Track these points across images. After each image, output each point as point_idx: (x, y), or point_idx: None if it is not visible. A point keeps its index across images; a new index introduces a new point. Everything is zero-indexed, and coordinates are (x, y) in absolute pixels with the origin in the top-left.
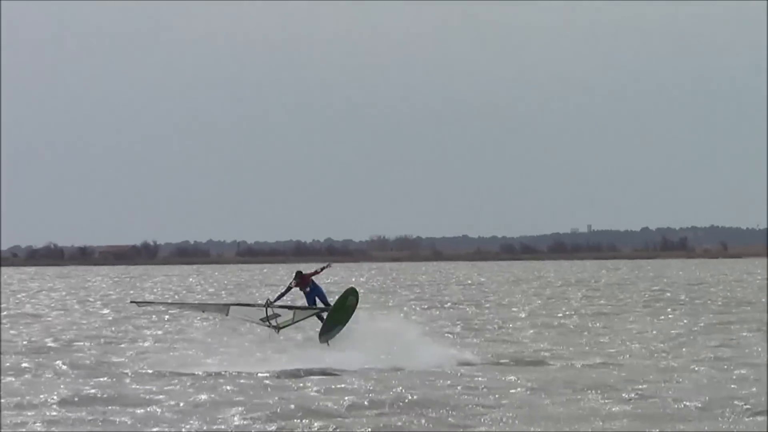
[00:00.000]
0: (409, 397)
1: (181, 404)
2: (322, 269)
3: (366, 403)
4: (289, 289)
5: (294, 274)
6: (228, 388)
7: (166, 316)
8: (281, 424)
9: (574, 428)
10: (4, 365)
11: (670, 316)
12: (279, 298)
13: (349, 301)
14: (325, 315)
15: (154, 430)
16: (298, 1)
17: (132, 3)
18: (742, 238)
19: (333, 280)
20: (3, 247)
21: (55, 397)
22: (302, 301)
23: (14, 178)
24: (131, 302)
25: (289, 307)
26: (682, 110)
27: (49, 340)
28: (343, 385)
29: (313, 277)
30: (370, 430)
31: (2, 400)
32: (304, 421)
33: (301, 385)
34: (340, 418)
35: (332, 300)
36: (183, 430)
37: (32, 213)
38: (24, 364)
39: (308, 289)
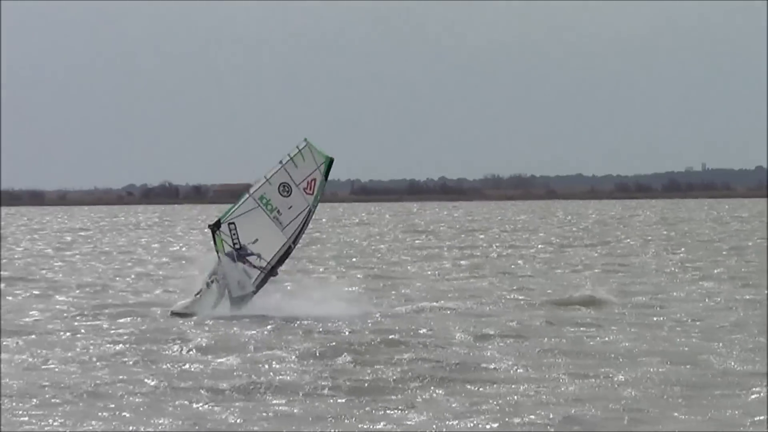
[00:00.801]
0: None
1: (224, 347)
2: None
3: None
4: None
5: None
6: (268, 330)
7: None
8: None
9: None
10: (62, 307)
11: (750, 255)
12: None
13: None
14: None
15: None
16: None
17: None
18: None
19: (426, 220)
20: (118, 185)
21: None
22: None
23: (130, 115)
24: None
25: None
26: None
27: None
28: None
29: None
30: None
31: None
32: (333, 359)
33: (341, 325)
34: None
35: None
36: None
37: (148, 151)
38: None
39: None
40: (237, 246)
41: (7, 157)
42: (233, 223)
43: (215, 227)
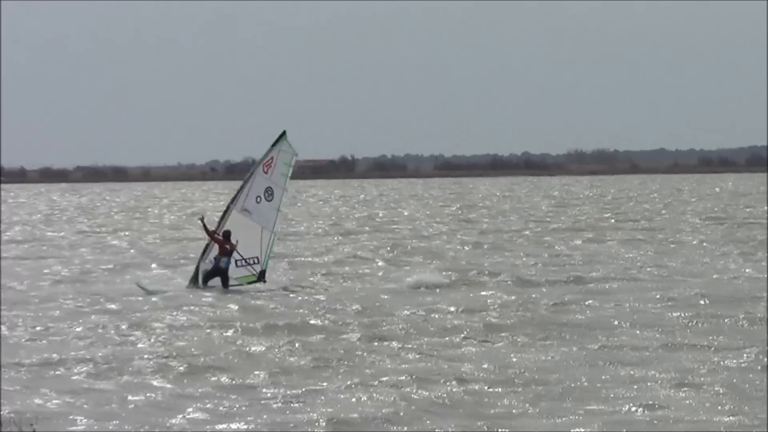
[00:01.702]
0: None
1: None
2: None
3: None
4: (213, 239)
5: (223, 233)
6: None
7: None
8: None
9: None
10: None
11: None
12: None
13: None
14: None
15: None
16: None
17: None
18: None
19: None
20: (201, 161)
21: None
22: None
23: (214, 92)
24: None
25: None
26: None
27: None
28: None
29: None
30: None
31: None
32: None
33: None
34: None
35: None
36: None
37: (231, 127)
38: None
39: (224, 259)
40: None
41: (92, 133)
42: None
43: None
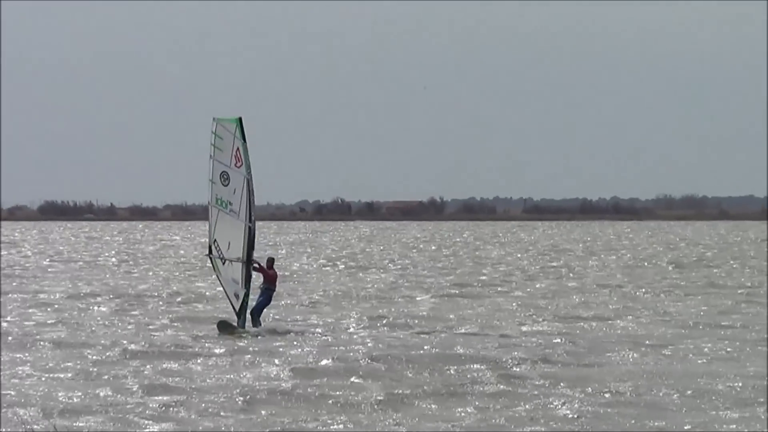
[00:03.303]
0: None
1: None
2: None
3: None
4: (259, 268)
5: (267, 260)
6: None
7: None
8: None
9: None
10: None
11: None
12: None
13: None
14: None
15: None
16: None
17: None
18: None
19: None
20: (290, 201)
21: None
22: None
23: (303, 132)
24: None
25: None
26: None
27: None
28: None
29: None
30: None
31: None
32: None
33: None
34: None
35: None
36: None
37: (321, 168)
38: None
39: (265, 287)
40: (223, 262)
41: (181, 173)
42: (215, 240)
43: (209, 253)
